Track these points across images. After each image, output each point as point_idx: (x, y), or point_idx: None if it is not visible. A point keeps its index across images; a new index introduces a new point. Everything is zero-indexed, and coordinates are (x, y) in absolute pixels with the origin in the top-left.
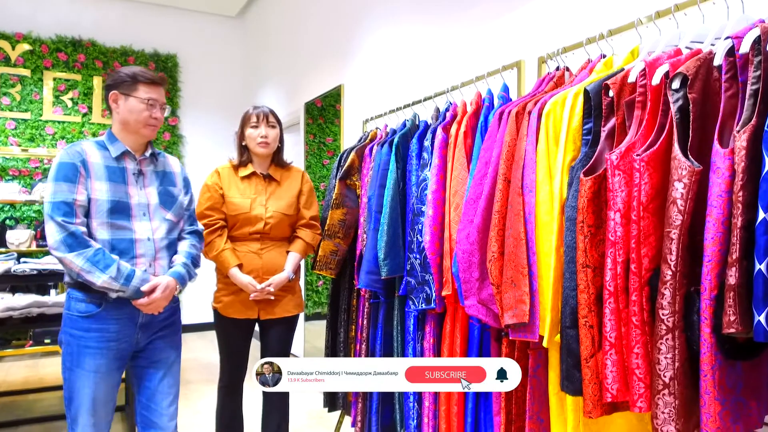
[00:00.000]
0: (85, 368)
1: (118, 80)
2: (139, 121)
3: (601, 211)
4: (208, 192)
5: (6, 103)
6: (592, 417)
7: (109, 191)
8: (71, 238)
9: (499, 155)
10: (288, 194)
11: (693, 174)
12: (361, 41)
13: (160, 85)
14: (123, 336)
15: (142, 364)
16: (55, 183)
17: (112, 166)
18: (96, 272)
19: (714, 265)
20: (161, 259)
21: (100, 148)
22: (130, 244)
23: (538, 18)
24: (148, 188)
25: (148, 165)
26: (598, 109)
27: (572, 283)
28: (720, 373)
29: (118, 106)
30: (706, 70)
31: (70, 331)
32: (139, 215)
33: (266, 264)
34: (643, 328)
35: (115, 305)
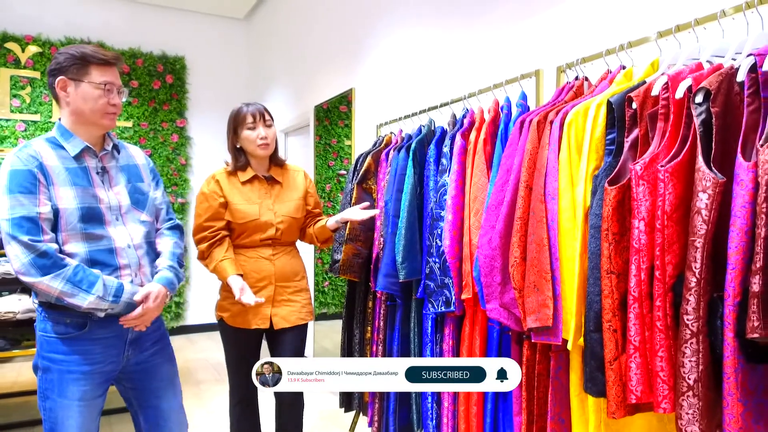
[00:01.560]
0: (68, 397)
1: (65, 63)
2: (96, 111)
3: (625, 219)
4: (206, 202)
5: (16, 105)
6: (615, 417)
7: (76, 197)
8: (43, 259)
9: (520, 163)
10: (293, 196)
11: (717, 185)
12: (374, 44)
13: (114, 65)
14: (109, 357)
15: (138, 384)
16: (10, 196)
17: (72, 168)
18: (80, 294)
19: (738, 273)
20: (145, 267)
21: (55, 147)
22: (111, 255)
23: (558, 27)
24: (115, 188)
25: (110, 160)
26: (622, 120)
27: (596, 289)
28: (742, 375)
29: (68, 95)
30: (728, 84)
31: (49, 356)
32: (113, 220)
33: (279, 270)
34: (666, 333)
35: (101, 324)
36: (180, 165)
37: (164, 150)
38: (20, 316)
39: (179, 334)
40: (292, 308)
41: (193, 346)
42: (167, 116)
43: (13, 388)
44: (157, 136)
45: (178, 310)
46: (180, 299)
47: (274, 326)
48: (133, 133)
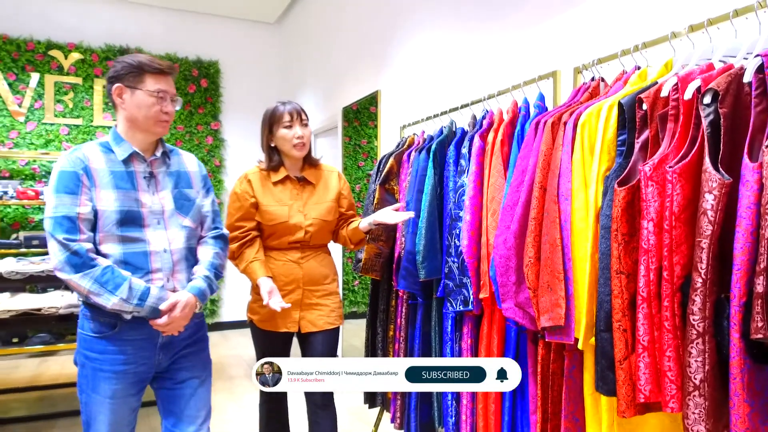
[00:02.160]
0: (100, 393)
1: (122, 71)
2: (149, 118)
3: (635, 220)
4: (238, 201)
5: (59, 110)
6: (625, 416)
7: (117, 200)
8: (75, 258)
9: (535, 164)
10: (326, 198)
11: (723, 186)
12: (398, 48)
13: (169, 74)
14: (141, 358)
15: (166, 386)
16: (56, 195)
17: (118, 171)
18: (105, 294)
19: (743, 274)
20: (180, 272)
21: (105, 151)
22: (145, 258)
23: (574, 29)
24: (161, 192)
25: (160, 166)
26: (632, 121)
27: (607, 289)
28: (749, 376)
29: (124, 101)
30: (737, 85)
31: (84, 353)
32: (153, 224)
33: (307, 273)
34: (674, 333)
35: (131, 325)
36: (214, 167)
37: (199, 152)
38: (62, 311)
39: (214, 331)
40: (321, 312)
41: (227, 343)
42: (202, 119)
43: (58, 379)
44: (193, 139)
45: (213, 307)
46: (215, 296)
47: (302, 330)
48: (169, 135)
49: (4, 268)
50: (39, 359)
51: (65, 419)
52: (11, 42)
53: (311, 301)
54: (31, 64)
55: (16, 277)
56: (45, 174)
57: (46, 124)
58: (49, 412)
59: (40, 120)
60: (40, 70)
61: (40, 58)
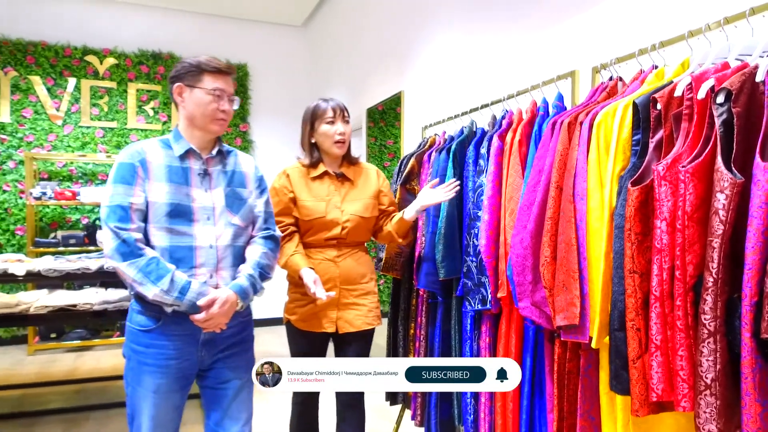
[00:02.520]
0: (144, 387)
1: (182, 71)
2: (206, 116)
3: (648, 219)
4: (277, 196)
5: (95, 114)
6: (639, 415)
7: (168, 193)
8: (124, 246)
9: (551, 164)
10: (364, 194)
11: (734, 186)
12: (420, 49)
13: (227, 74)
14: (184, 354)
15: (209, 385)
16: (113, 185)
17: (174, 166)
18: (147, 284)
19: (754, 273)
20: (224, 269)
21: (164, 147)
22: (190, 252)
23: (592, 28)
24: (214, 190)
25: (215, 164)
26: (647, 121)
27: (620, 288)
28: (760, 376)
29: (183, 100)
30: (752, 84)
31: (131, 346)
32: (202, 219)
33: (344, 272)
34: (687, 332)
35: (174, 320)
36: None
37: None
38: (96, 308)
39: None
40: (358, 312)
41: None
42: (231, 121)
43: (93, 373)
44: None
45: None
46: None
47: (339, 330)
48: None
49: (43, 266)
50: (75, 354)
51: (99, 411)
52: (50, 48)
53: (348, 300)
54: (68, 69)
55: (54, 275)
56: (81, 175)
57: (82, 127)
58: (85, 404)
59: (77, 123)
60: (77, 75)
61: (76, 64)
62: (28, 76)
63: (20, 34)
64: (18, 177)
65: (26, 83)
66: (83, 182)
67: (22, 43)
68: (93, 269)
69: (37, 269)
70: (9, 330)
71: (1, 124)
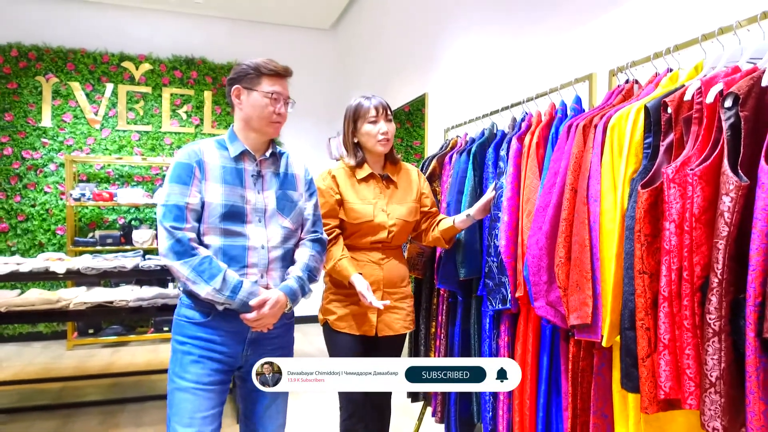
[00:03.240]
0: (186, 378)
1: (241, 73)
2: (263, 118)
3: (658, 221)
4: (323, 198)
5: (131, 118)
6: (648, 413)
7: (223, 194)
8: (178, 245)
9: (567, 166)
10: (408, 197)
11: (740, 188)
12: (443, 52)
13: (284, 77)
14: (229, 350)
15: (249, 386)
16: (170, 185)
17: (229, 167)
18: (200, 283)
19: (758, 274)
20: (274, 270)
21: (220, 148)
22: (243, 252)
23: (609, 32)
24: (266, 192)
25: (268, 166)
26: (657, 124)
27: (631, 288)
28: (764, 374)
29: (241, 102)
30: (759, 88)
31: (177, 337)
32: (255, 221)
33: (387, 275)
34: (694, 332)
35: (223, 316)
36: None
37: None
38: (132, 304)
39: None
40: (398, 315)
41: None
42: None
43: (128, 368)
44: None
45: None
46: None
47: (379, 333)
48: None
49: (82, 264)
50: (112, 349)
51: (134, 404)
52: (88, 55)
53: (389, 303)
54: (106, 75)
55: (92, 273)
56: (118, 177)
57: (119, 130)
58: (120, 397)
59: (114, 127)
60: (114, 80)
61: (113, 70)
62: (68, 82)
63: (61, 42)
64: (58, 179)
65: (66, 89)
66: (120, 184)
67: (62, 51)
68: (129, 267)
69: (77, 267)
70: (50, 325)
71: (43, 129)
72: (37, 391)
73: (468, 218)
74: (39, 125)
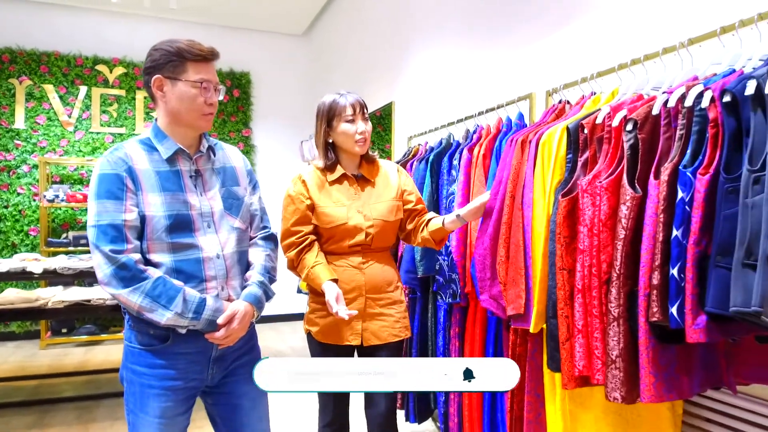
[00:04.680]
0: (149, 413)
1: (161, 60)
2: (193, 110)
3: (575, 225)
4: (293, 204)
5: (105, 120)
6: (567, 388)
7: (164, 204)
8: (123, 271)
9: (507, 176)
10: (387, 196)
11: (634, 199)
12: (409, 63)
13: (210, 60)
14: (192, 373)
15: (221, 402)
16: (98, 201)
17: (163, 171)
18: (158, 309)
19: (647, 270)
20: (233, 279)
21: (148, 150)
22: (198, 266)
23: (548, 55)
24: (209, 192)
25: (205, 163)
26: (576, 143)
27: (553, 282)
28: (653, 353)
29: (164, 94)
30: (654, 115)
31: (131, 367)
32: (203, 228)
33: (370, 280)
34: (601, 318)
35: (184, 338)
36: None
37: None
38: (110, 302)
39: None
40: (385, 323)
41: None
42: (234, 126)
43: (103, 365)
44: None
45: None
46: None
47: (364, 342)
48: None
49: (58, 264)
50: (85, 348)
51: (110, 399)
52: (62, 58)
53: (374, 310)
54: (80, 78)
55: (69, 272)
56: None
57: (92, 133)
58: (96, 393)
59: (88, 129)
60: (88, 83)
61: (87, 73)
62: (42, 84)
63: (35, 44)
64: (32, 180)
65: (40, 91)
66: None
67: (36, 54)
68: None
69: (53, 267)
70: (23, 325)
71: (16, 131)
72: (12, 388)
73: (458, 219)
74: (12, 127)
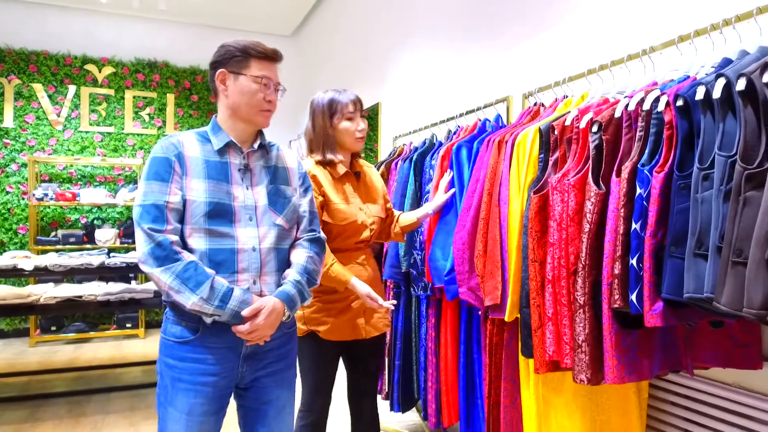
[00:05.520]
0: (177, 407)
1: (226, 56)
2: (252, 106)
3: (546, 220)
4: None
5: (94, 119)
6: (539, 373)
7: (207, 191)
8: (159, 250)
9: (485, 174)
10: (377, 195)
11: (597, 195)
12: (395, 64)
13: (274, 61)
14: (223, 370)
15: (248, 405)
16: (146, 182)
17: (212, 161)
18: (185, 292)
19: (609, 261)
20: (268, 275)
21: (202, 140)
22: (231, 256)
23: (524, 59)
24: (256, 187)
25: (257, 159)
26: (547, 144)
27: (526, 274)
28: (616, 338)
29: (227, 88)
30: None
31: (165, 360)
32: (244, 220)
33: (371, 275)
34: (569, 307)
35: (213, 331)
36: None
37: None
38: (100, 298)
39: None
40: (380, 314)
41: None
42: None
43: (92, 362)
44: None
45: None
46: None
47: (366, 335)
48: None
49: (49, 262)
50: (74, 345)
51: (100, 395)
52: (51, 57)
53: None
54: (69, 77)
55: (60, 270)
56: (81, 177)
57: (81, 132)
58: (86, 388)
59: (76, 128)
60: (77, 82)
61: (76, 72)
62: (31, 83)
63: (23, 44)
64: (20, 179)
65: (29, 90)
66: (82, 184)
67: (25, 53)
68: (95, 265)
69: (44, 264)
70: (12, 322)
71: (5, 129)
72: (2, 384)
73: (426, 216)
74: (1, 126)
